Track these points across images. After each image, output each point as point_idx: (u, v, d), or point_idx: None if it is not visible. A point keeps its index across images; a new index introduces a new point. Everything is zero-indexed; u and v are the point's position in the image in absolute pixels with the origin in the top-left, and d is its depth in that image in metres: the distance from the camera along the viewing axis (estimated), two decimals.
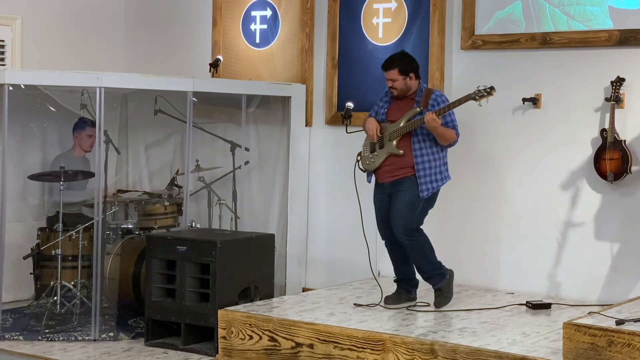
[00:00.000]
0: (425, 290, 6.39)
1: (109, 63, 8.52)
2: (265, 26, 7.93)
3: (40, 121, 7.85)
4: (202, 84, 7.14)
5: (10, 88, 6.49)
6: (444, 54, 7.04)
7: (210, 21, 8.23)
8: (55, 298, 6.87)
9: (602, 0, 6.44)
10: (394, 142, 6.12)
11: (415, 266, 6.24)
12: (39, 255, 7.12)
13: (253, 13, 8.00)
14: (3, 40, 7.93)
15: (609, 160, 6.28)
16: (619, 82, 6.24)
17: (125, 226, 7.40)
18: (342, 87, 7.53)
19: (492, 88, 5.92)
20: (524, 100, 6.69)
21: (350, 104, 7.25)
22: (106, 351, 6.25)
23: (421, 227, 6.17)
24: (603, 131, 6.31)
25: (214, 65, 7.85)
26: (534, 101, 6.67)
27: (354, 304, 6.27)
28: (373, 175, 6.26)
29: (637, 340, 4.55)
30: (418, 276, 6.31)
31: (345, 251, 7.51)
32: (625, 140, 6.27)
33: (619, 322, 4.71)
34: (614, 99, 6.25)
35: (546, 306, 6.21)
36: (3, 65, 7.87)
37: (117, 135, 8.16)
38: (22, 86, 6.61)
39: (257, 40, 7.99)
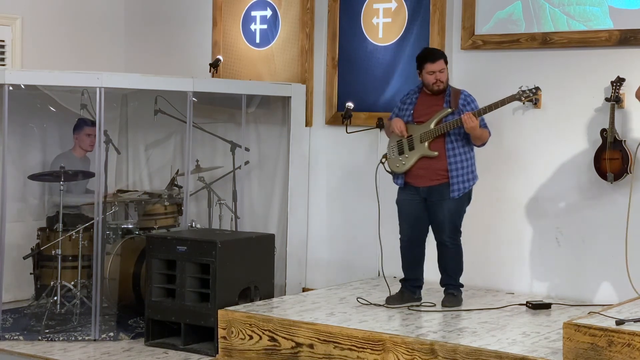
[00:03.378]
0: (426, 290, 6.39)
1: (109, 63, 8.52)
2: (265, 26, 7.93)
3: (40, 121, 7.84)
4: (202, 84, 7.13)
5: (10, 88, 6.49)
6: None
7: (210, 21, 8.22)
8: (55, 298, 6.87)
9: (602, 0, 6.44)
10: (426, 144, 6.02)
11: (445, 269, 6.22)
12: (39, 255, 7.12)
13: (253, 13, 8.00)
14: (3, 40, 7.92)
15: (609, 160, 6.27)
16: (619, 82, 6.24)
17: (125, 226, 7.40)
18: (342, 87, 7.52)
19: (537, 88, 5.88)
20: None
21: (350, 104, 7.25)
22: (106, 351, 6.25)
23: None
24: (603, 131, 6.30)
25: (214, 65, 7.85)
26: (534, 101, 6.66)
27: (358, 299, 6.27)
28: (403, 177, 6.14)
29: (637, 340, 4.55)
30: (424, 278, 6.33)
31: (345, 251, 7.50)
32: (625, 140, 6.27)
33: (619, 322, 4.70)
34: (614, 99, 6.24)
35: (546, 306, 6.21)
36: (3, 65, 7.86)
37: (117, 135, 8.16)
38: (22, 86, 6.61)
39: (257, 40, 7.98)
